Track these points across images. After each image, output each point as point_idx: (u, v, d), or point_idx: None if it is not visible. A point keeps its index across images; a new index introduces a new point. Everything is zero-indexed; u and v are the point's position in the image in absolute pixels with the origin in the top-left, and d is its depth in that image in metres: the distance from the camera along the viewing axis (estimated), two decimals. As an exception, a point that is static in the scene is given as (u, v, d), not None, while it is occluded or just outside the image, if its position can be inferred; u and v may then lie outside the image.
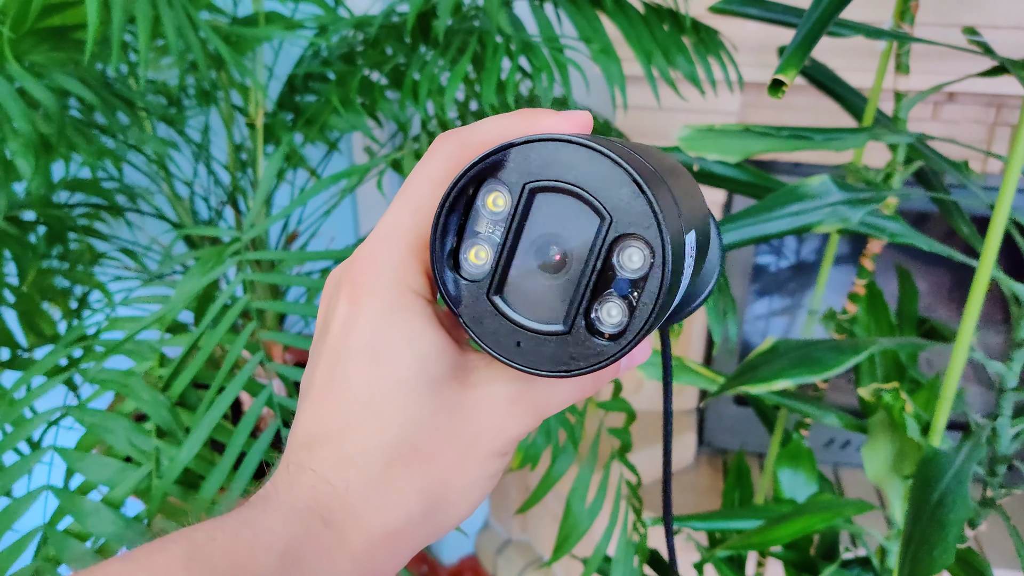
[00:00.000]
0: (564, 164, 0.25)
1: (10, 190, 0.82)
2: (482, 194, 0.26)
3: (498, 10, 0.81)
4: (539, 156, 0.25)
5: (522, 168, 0.25)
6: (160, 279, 0.95)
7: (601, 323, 0.25)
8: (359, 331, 0.26)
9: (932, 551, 0.55)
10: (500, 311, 0.26)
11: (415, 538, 0.26)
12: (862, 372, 0.83)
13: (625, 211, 0.24)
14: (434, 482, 0.26)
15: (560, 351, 0.25)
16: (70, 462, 0.61)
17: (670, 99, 0.94)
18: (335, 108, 0.88)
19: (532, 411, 0.27)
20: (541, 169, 0.25)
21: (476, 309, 0.26)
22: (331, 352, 0.26)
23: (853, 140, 0.67)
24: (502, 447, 0.27)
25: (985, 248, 0.58)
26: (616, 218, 0.24)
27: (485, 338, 0.26)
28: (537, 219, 0.25)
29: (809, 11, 0.52)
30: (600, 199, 0.24)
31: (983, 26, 0.74)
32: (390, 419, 0.25)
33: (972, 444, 0.63)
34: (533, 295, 0.26)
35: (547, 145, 0.25)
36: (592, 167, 0.24)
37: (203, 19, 0.80)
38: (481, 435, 0.26)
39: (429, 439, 0.26)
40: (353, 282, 0.26)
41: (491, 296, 0.26)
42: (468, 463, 0.26)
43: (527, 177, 0.25)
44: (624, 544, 0.78)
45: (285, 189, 1.21)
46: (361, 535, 0.25)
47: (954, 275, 1.47)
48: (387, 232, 0.27)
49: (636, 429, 0.85)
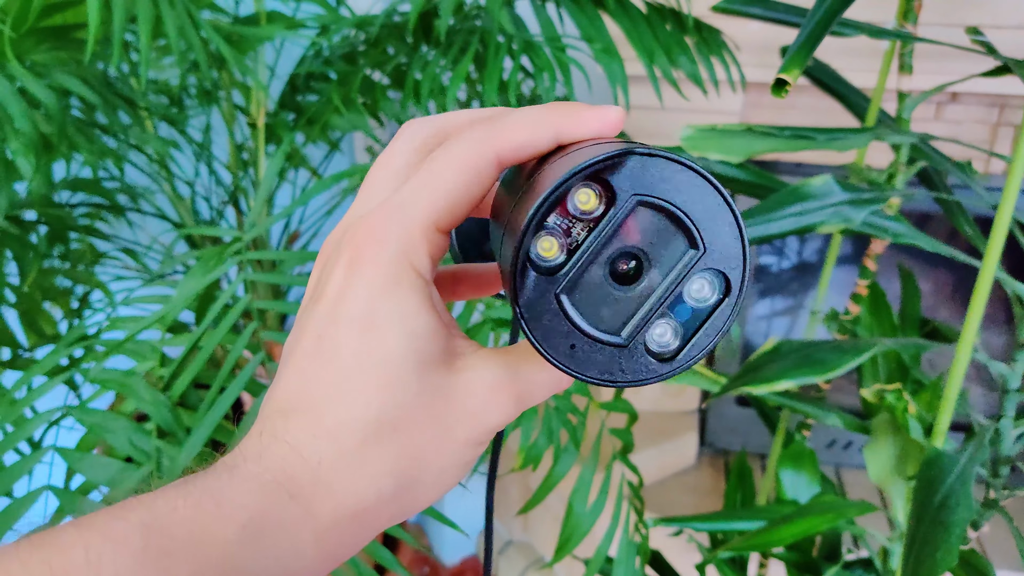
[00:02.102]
0: (675, 185, 0.25)
1: (11, 190, 0.82)
2: (574, 193, 0.25)
3: (500, 9, 0.80)
4: (654, 171, 0.25)
5: (633, 178, 0.25)
6: (161, 279, 0.95)
7: (653, 342, 0.25)
8: (355, 299, 0.25)
9: (935, 552, 0.55)
10: (565, 311, 0.25)
11: (381, 518, 0.26)
12: (864, 373, 0.82)
13: (722, 249, 0.25)
14: (408, 463, 0.25)
15: (611, 361, 0.25)
16: (71, 462, 0.61)
17: (672, 99, 0.93)
18: (337, 108, 0.88)
19: (513, 400, 0.27)
20: (653, 185, 0.25)
21: (538, 303, 0.25)
22: (322, 317, 0.26)
23: (856, 140, 0.66)
24: (480, 435, 0.27)
25: (988, 249, 0.58)
26: (710, 251, 0.25)
27: (539, 334, 0.25)
28: (629, 230, 0.25)
29: (813, 10, 0.52)
30: (701, 229, 0.25)
31: (986, 26, 0.74)
32: (374, 395, 0.25)
33: (975, 445, 0.63)
34: (599, 302, 0.25)
35: (666, 163, 0.25)
36: (702, 197, 0.25)
37: (205, 18, 0.80)
38: (461, 420, 0.26)
39: (409, 419, 0.25)
40: (356, 246, 0.26)
41: (559, 294, 0.25)
42: (445, 447, 0.26)
43: (637, 188, 0.25)
44: (626, 545, 0.78)
45: (286, 189, 1.21)
46: (328, 511, 0.24)
47: (957, 276, 1.47)
48: (400, 205, 0.26)
49: (638, 429, 0.85)
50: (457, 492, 0.63)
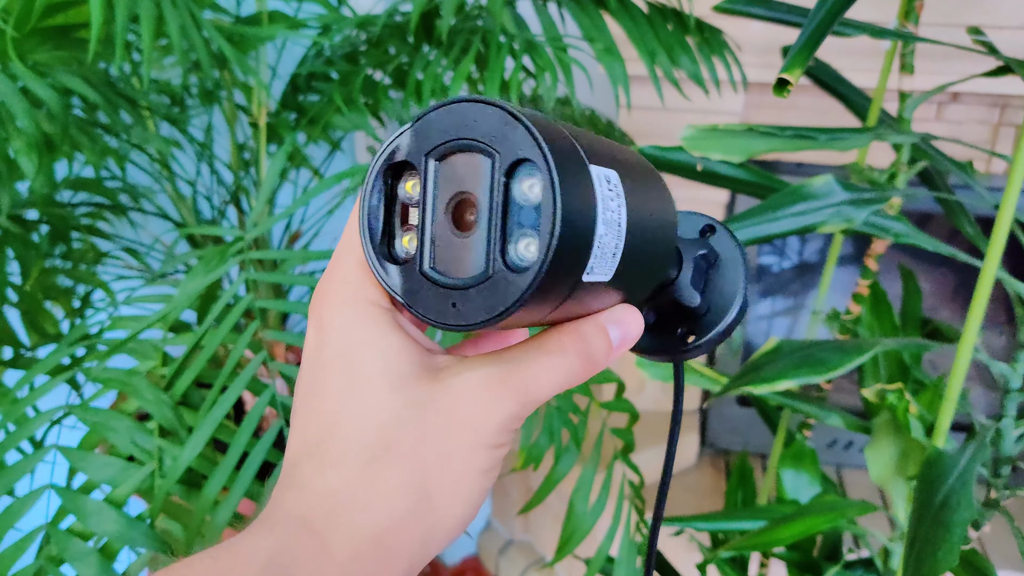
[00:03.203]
0: (456, 125, 0.26)
1: (13, 189, 0.82)
2: (401, 186, 0.27)
3: (501, 9, 0.81)
4: (435, 126, 0.26)
5: (421, 144, 0.26)
6: (163, 278, 0.95)
7: (521, 259, 0.25)
8: (328, 344, 0.27)
9: (936, 552, 0.55)
10: (432, 280, 0.26)
11: (404, 540, 0.25)
12: (866, 373, 0.82)
13: (507, 140, 0.25)
14: (416, 479, 0.25)
15: (489, 299, 0.25)
16: (73, 461, 0.61)
17: (674, 99, 0.93)
18: (338, 107, 0.88)
19: (513, 395, 0.27)
20: (432, 138, 0.26)
21: (412, 286, 0.27)
22: (308, 371, 0.28)
23: (857, 140, 0.67)
24: (486, 437, 0.26)
25: (989, 248, 0.58)
26: (502, 150, 0.25)
27: (422, 308, 0.26)
28: (445, 184, 0.26)
29: (815, 10, 0.52)
30: (486, 141, 0.25)
31: (988, 26, 0.74)
32: (363, 421, 0.26)
33: (976, 445, 0.63)
34: (458, 255, 0.26)
35: (439, 113, 0.26)
36: (480, 120, 0.26)
37: (207, 18, 0.80)
38: (459, 426, 0.26)
39: (403, 436, 0.26)
40: (317, 306, 0.28)
41: (422, 270, 0.26)
42: (450, 456, 0.26)
43: (424, 149, 0.26)
44: (627, 545, 0.78)
45: (288, 188, 1.21)
46: (346, 539, 0.25)
47: (958, 276, 1.47)
48: (340, 254, 0.28)
49: (639, 429, 0.85)
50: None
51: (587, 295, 0.27)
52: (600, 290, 0.27)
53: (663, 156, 0.76)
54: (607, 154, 0.28)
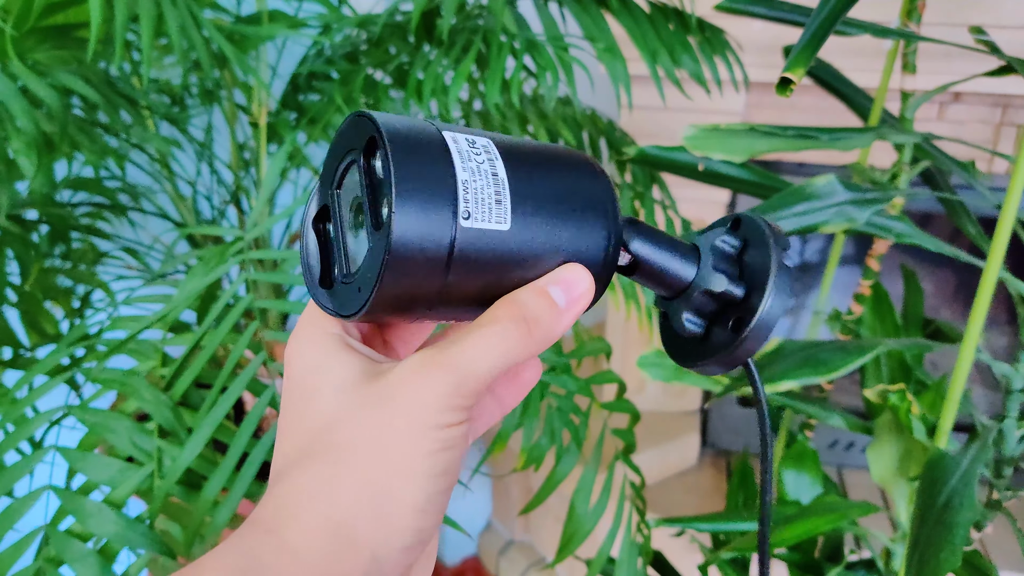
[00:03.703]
0: (340, 151, 0.30)
1: (13, 189, 0.82)
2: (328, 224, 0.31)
3: (502, 9, 0.80)
4: (328, 163, 0.30)
5: (324, 185, 0.31)
6: (163, 278, 0.95)
7: (385, 218, 0.27)
8: (290, 378, 0.30)
9: (938, 553, 0.54)
10: (345, 281, 0.29)
11: (361, 529, 0.26)
12: (868, 373, 0.82)
13: (364, 134, 0.28)
14: (362, 471, 0.26)
15: (374, 266, 0.27)
16: (72, 462, 0.61)
17: (675, 99, 0.93)
18: (339, 107, 0.88)
19: (443, 372, 0.27)
20: (328, 169, 0.30)
21: (339, 297, 0.30)
22: (281, 406, 0.30)
23: (859, 140, 0.66)
24: (424, 418, 0.26)
25: (992, 249, 0.58)
26: (358, 146, 0.28)
27: (344, 308, 0.29)
28: (345, 199, 0.30)
29: (817, 9, 0.52)
30: (354, 145, 0.29)
31: (990, 26, 0.74)
32: (310, 428, 0.28)
33: (978, 446, 0.63)
34: (360, 248, 0.29)
35: (331, 150, 0.30)
36: (350, 134, 0.29)
37: (207, 17, 0.80)
38: (395, 413, 0.27)
39: (346, 433, 0.27)
40: (287, 347, 0.31)
41: (339, 276, 0.30)
42: (392, 443, 0.26)
43: (328, 184, 0.31)
44: (628, 545, 0.77)
45: (288, 188, 1.21)
46: (300, 533, 0.26)
47: (960, 276, 1.47)
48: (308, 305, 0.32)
49: (640, 430, 0.85)
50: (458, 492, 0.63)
51: (498, 253, 0.28)
52: (515, 249, 0.28)
53: (665, 156, 0.75)
54: (492, 136, 0.30)
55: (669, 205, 0.97)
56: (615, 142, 0.95)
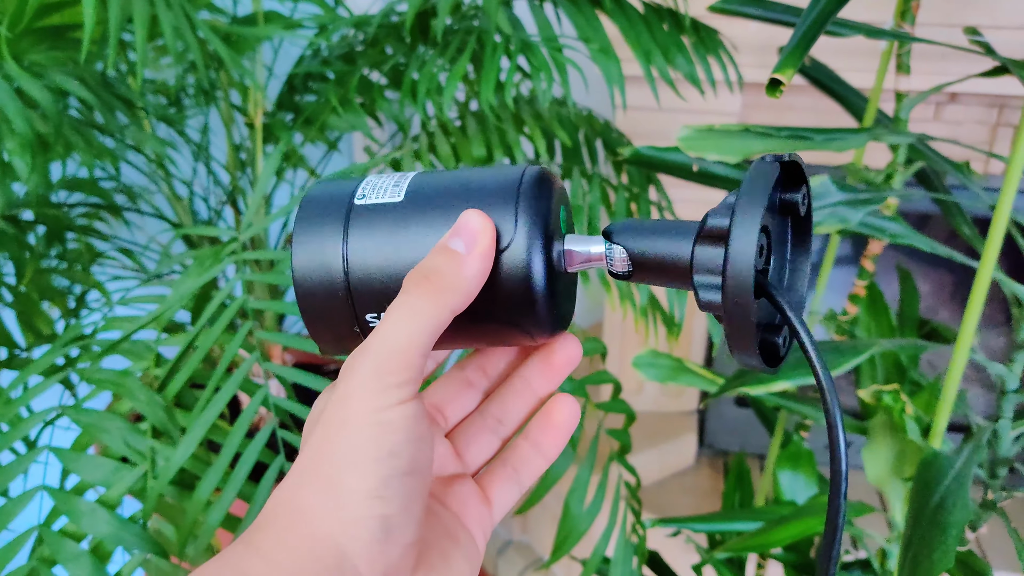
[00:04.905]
0: None
1: (8, 190, 0.82)
2: None
3: (497, 9, 0.80)
4: None
5: None
6: (158, 279, 0.95)
7: None
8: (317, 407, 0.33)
9: (932, 554, 0.54)
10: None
11: (322, 526, 0.26)
12: (862, 374, 0.82)
13: None
14: (319, 467, 0.27)
15: None
16: (66, 462, 0.61)
17: (670, 99, 0.93)
18: (334, 108, 0.88)
19: (366, 357, 0.27)
20: None
21: None
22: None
23: (854, 140, 0.66)
24: (362, 405, 0.27)
25: (986, 249, 0.58)
26: None
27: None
28: None
29: (807, 10, 0.52)
30: None
31: (985, 26, 0.74)
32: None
33: (973, 446, 0.63)
34: None
35: None
36: None
37: (202, 19, 0.80)
38: (341, 407, 0.27)
39: (312, 438, 0.29)
40: None
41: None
42: (338, 436, 0.27)
43: None
44: (623, 545, 0.77)
45: (284, 189, 1.21)
46: (268, 536, 0.27)
47: (955, 276, 1.47)
48: None
49: (637, 430, 0.85)
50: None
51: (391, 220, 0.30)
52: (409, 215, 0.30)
53: (660, 156, 0.75)
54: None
55: (666, 206, 0.97)
56: (612, 142, 0.95)
